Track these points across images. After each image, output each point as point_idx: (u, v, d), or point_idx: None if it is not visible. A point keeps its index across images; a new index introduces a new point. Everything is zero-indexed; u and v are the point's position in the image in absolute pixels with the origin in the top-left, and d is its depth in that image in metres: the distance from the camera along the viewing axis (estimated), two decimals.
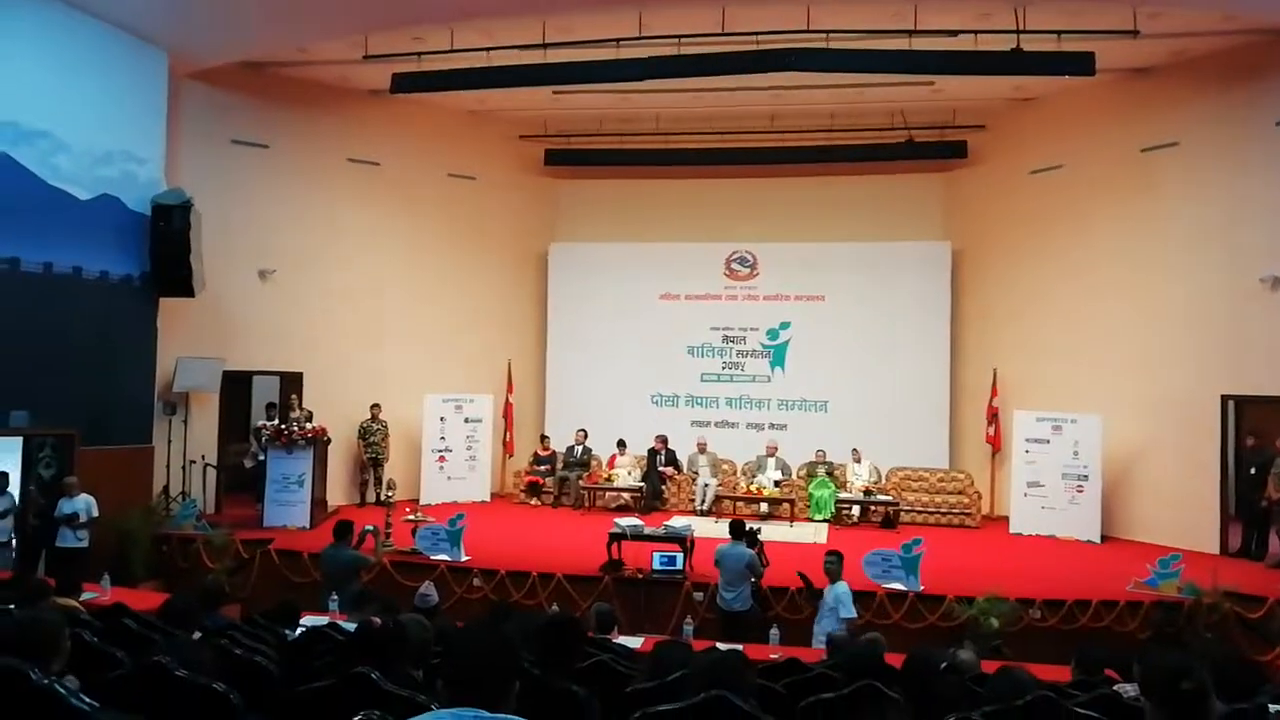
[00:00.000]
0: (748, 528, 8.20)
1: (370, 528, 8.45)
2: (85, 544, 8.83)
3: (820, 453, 12.50)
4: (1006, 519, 11.81)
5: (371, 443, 12.41)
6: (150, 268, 10.35)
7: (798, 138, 13.29)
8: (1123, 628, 7.96)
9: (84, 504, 8.85)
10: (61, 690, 2.30)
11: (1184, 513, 10.57)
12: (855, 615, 7.07)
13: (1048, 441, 11.37)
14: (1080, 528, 11.03)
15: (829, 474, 12.23)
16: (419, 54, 10.53)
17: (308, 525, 10.36)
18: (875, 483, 12.20)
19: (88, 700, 2.31)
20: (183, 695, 2.85)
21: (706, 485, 12.30)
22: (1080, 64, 9.23)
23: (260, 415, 11.66)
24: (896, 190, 13.75)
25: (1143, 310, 11.20)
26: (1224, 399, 10.40)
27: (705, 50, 9.87)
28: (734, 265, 13.99)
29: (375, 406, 12.43)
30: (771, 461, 12.47)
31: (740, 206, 14.06)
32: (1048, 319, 12.27)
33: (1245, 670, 4.00)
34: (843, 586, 7.20)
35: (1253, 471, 10.01)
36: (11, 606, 4.76)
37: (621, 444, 12.98)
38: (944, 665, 3.12)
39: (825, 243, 13.68)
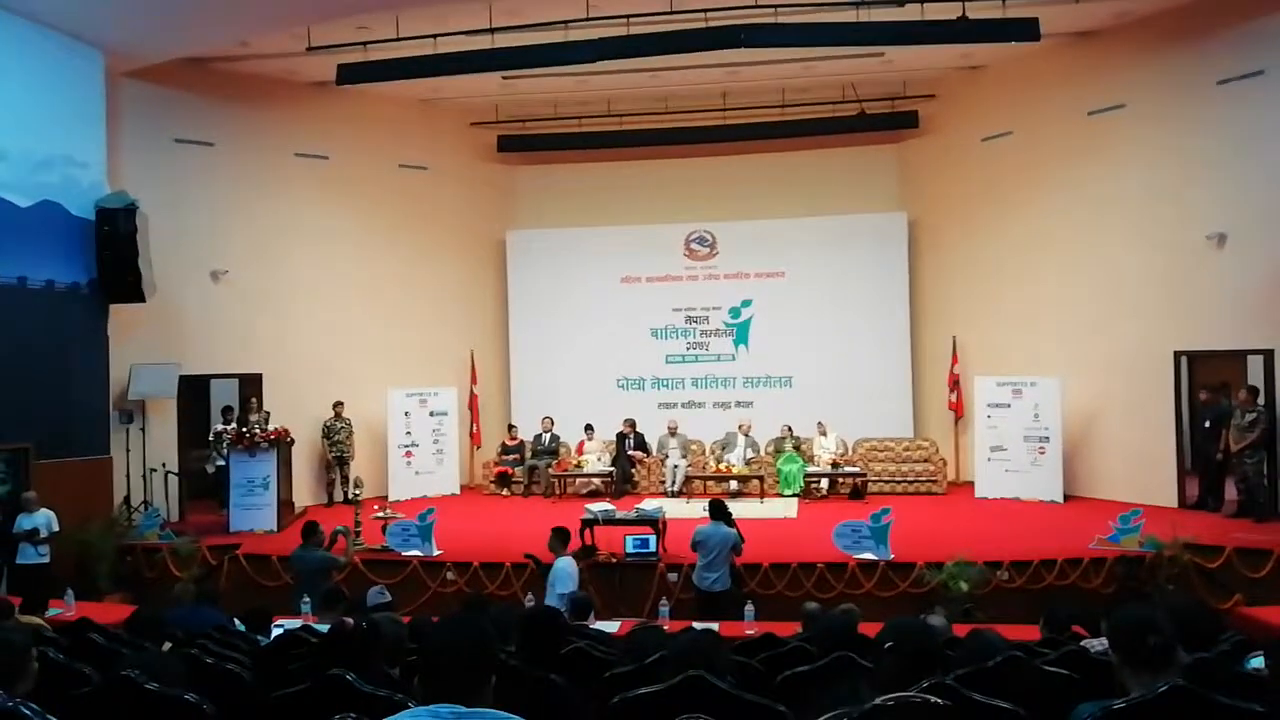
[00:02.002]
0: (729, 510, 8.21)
1: (340, 529, 8.38)
2: (47, 559, 8.67)
3: (786, 428, 12.61)
4: (972, 484, 12.02)
5: (336, 441, 12.29)
6: (98, 274, 10.13)
7: (750, 114, 13.31)
8: (1088, 584, 8.15)
9: (44, 519, 8.68)
10: (27, 713, 2.26)
11: (1142, 469, 10.82)
12: (573, 589, 7.10)
13: (1009, 406, 11.55)
14: (1043, 489, 11.25)
15: (796, 449, 12.33)
16: (364, 43, 10.35)
17: (275, 528, 10.24)
18: (842, 455, 12.33)
19: None
20: (154, 708, 2.81)
21: (676, 466, 12.35)
22: (1025, 30, 9.32)
23: (218, 420, 11.47)
24: (850, 163, 13.81)
25: (1096, 271, 11.39)
26: (1176, 355, 10.63)
27: (655, 29, 9.83)
28: (693, 245, 14.00)
29: (338, 404, 12.30)
30: (743, 440, 12.54)
31: (697, 186, 14.06)
32: (1004, 284, 12.44)
33: (1207, 619, 4.13)
34: (562, 563, 7.35)
35: (1207, 425, 10.26)
36: None
37: (589, 429, 12.99)
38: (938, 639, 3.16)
39: (782, 219, 13.72)
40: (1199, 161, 10.37)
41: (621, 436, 12.84)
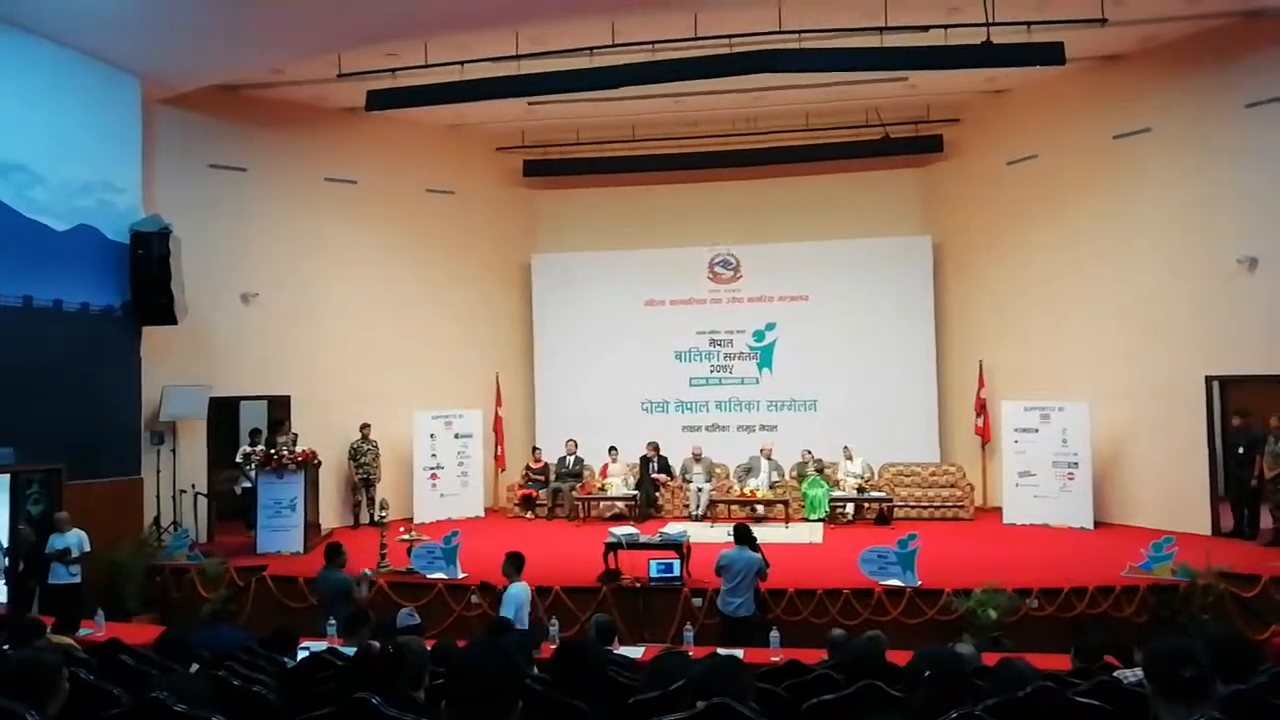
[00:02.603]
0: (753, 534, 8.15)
1: (367, 574, 8.19)
2: (78, 579, 8.74)
3: (807, 452, 12.53)
4: (1000, 510, 11.87)
5: (363, 463, 12.36)
6: (131, 297, 10.30)
7: (774, 138, 13.36)
8: (1119, 613, 8.00)
9: (75, 539, 8.77)
10: None
11: (1174, 495, 10.65)
12: (519, 615, 7.04)
13: (1036, 431, 11.44)
14: (1073, 515, 11.09)
15: (819, 472, 12.25)
16: (393, 70, 10.52)
17: (301, 550, 10.30)
18: (868, 480, 12.23)
19: None
20: None
21: (700, 490, 12.30)
22: (1050, 54, 9.31)
23: (245, 441, 11.58)
24: (875, 187, 13.81)
25: (1124, 296, 11.28)
26: (1208, 380, 10.49)
27: (679, 55, 9.92)
28: (717, 268, 14.03)
29: (365, 426, 12.38)
30: (766, 464, 12.48)
31: (720, 209, 14.10)
32: (1031, 308, 12.34)
33: (1243, 650, 4.03)
34: (515, 589, 7.24)
35: (1240, 451, 10.09)
36: (6, 647, 4.72)
37: (613, 451, 12.99)
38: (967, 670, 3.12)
39: (807, 241, 13.72)
40: (1227, 185, 10.27)
41: (645, 460, 12.81)
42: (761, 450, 12.61)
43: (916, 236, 13.54)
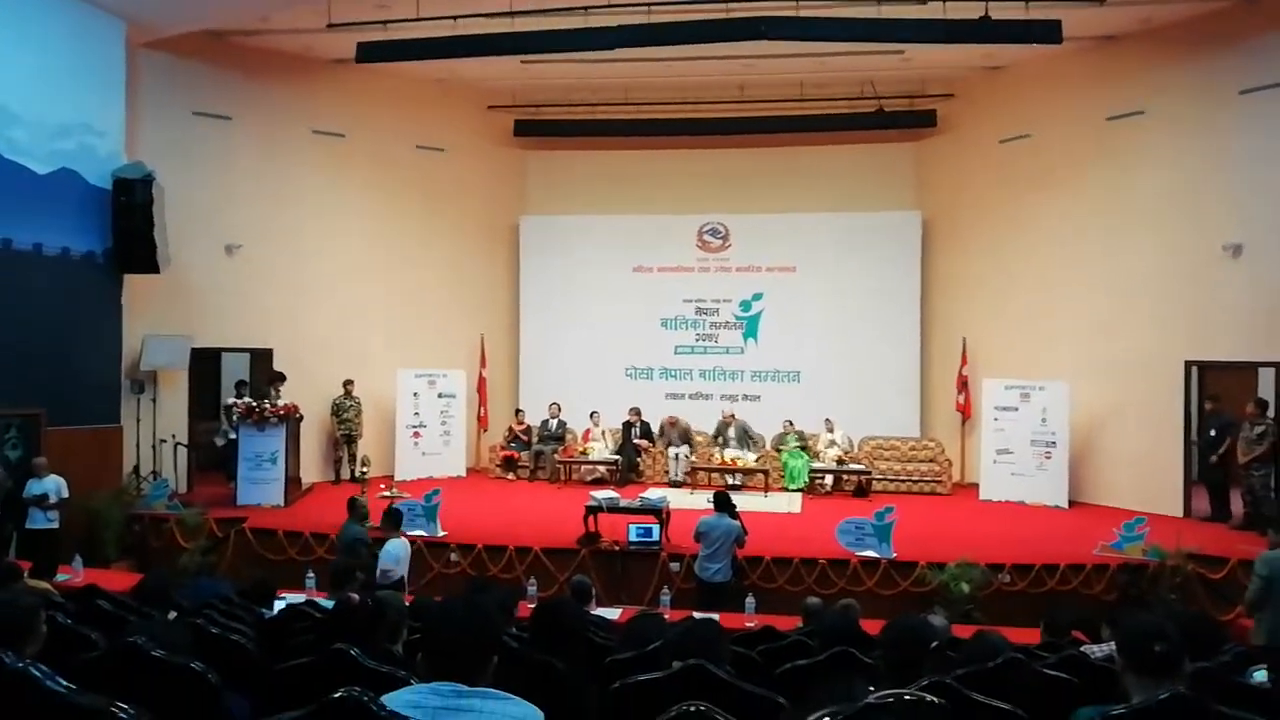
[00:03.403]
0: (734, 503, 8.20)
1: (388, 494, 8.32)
2: (56, 525, 8.73)
3: (788, 423, 12.58)
4: (977, 486, 11.98)
5: (345, 419, 12.32)
6: (113, 243, 10.15)
7: (768, 107, 13.26)
8: (1090, 591, 8.13)
9: (54, 485, 8.74)
10: (36, 674, 2.28)
11: (1149, 477, 10.77)
12: (394, 569, 7.20)
13: (1016, 409, 11.52)
14: (1048, 493, 11.22)
15: (801, 446, 12.32)
16: (384, 22, 10.33)
17: (282, 503, 10.30)
18: (848, 452, 12.32)
19: (64, 683, 2.29)
20: (160, 675, 2.83)
21: (677, 455, 12.36)
22: (1047, 32, 9.25)
23: (230, 393, 11.52)
24: (867, 160, 13.76)
25: (1108, 277, 11.32)
26: (1187, 365, 10.58)
27: (675, 19, 9.79)
28: (706, 237, 13.98)
29: (348, 382, 12.33)
30: (732, 430, 12.49)
31: (712, 177, 14.02)
32: (1016, 287, 12.39)
33: (1208, 630, 4.12)
34: (392, 544, 7.35)
35: (1212, 434, 10.19)
36: None
37: (595, 416, 13.02)
38: (930, 642, 3.18)
39: (796, 213, 13.67)
40: (1217, 171, 10.29)
41: (628, 425, 12.86)
42: (724, 415, 12.62)
43: (907, 212, 13.51)
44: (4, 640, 2.67)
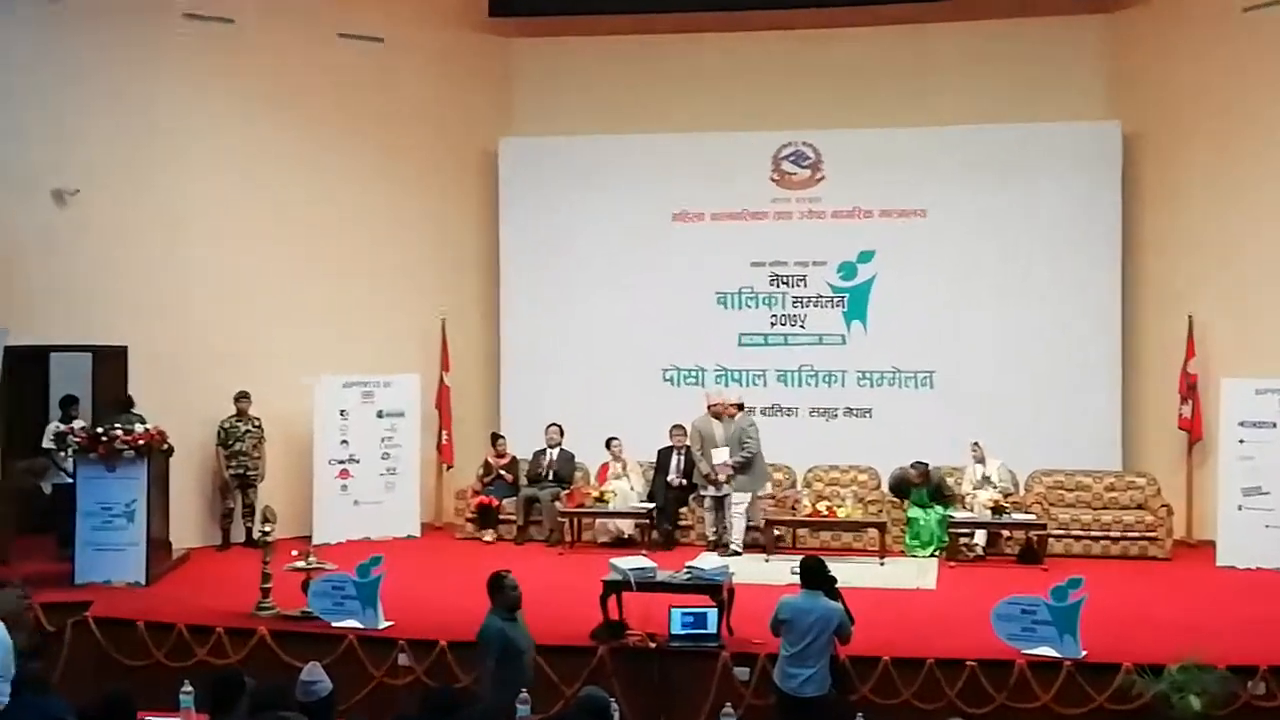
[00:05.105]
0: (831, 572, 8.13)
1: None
2: None
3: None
4: (1212, 545, 11.82)
5: (237, 452, 12.37)
6: None
7: None
8: None
9: None
10: None
11: None
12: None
13: (1274, 425, 11.40)
14: None
15: (937, 488, 12.19)
16: None
17: (143, 580, 10.35)
18: (1008, 495, 12.19)
19: None
20: None
21: (740, 502, 12.26)
22: None
23: (58, 416, 11.64)
24: (1034, 43, 13.66)
25: None
26: None
27: None
28: (785, 165, 13.91)
29: (241, 397, 12.37)
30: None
31: (792, 76, 13.99)
32: (1273, 242, 12.27)
33: None
34: None
35: None
36: None
37: (615, 443, 12.96)
38: None
39: (924, 128, 13.60)
40: None
41: (666, 455, 12.81)
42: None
43: (1099, 123, 13.38)
44: None
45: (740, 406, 12.48)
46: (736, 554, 11.70)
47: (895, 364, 13.70)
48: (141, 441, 10.61)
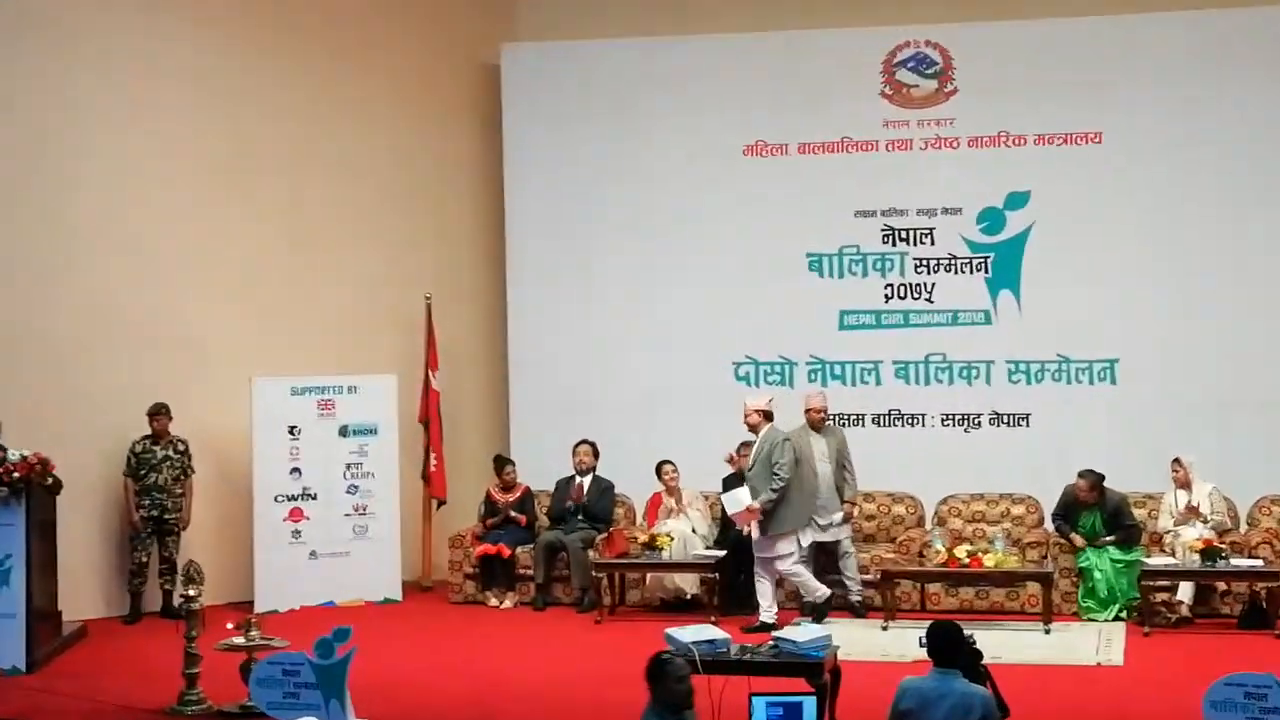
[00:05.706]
0: (970, 640, 8.05)
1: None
2: None
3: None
4: None
5: (151, 486, 12.40)
6: None
7: None
8: None
9: None
10: None
11: None
12: None
13: None
14: None
15: (1114, 513, 12.02)
16: None
17: (22, 665, 10.37)
18: (1224, 532, 12.08)
19: None
20: None
21: (848, 553, 12.27)
22: None
23: None
24: None
25: None
26: None
27: None
28: (900, 74, 13.90)
29: (158, 412, 12.39)
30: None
31: None
32: None
33: None
34: None
35: None
36: None
37: (668, 470, 12.85)
38: None
39: (1099, 15, 13.53)
40: None
41: (738, 484, 12.72)
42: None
43: None
44: None
45: (769, 416, 12.15)
46: (860, 615, 11.87)
47: (1061, 351, 13.62)
48: (15, 474, 10.63)
